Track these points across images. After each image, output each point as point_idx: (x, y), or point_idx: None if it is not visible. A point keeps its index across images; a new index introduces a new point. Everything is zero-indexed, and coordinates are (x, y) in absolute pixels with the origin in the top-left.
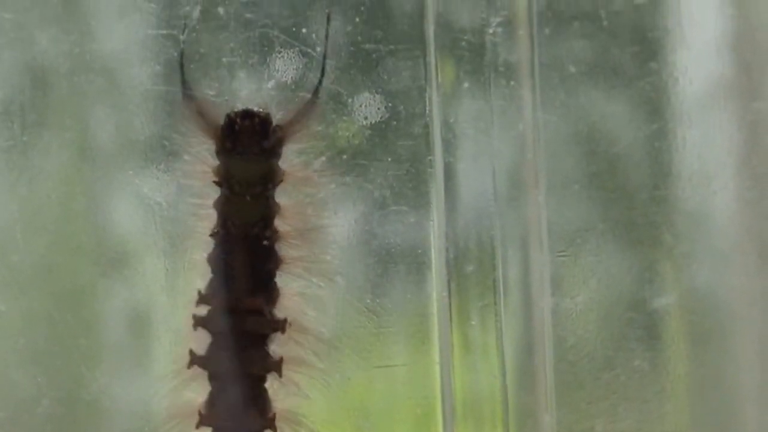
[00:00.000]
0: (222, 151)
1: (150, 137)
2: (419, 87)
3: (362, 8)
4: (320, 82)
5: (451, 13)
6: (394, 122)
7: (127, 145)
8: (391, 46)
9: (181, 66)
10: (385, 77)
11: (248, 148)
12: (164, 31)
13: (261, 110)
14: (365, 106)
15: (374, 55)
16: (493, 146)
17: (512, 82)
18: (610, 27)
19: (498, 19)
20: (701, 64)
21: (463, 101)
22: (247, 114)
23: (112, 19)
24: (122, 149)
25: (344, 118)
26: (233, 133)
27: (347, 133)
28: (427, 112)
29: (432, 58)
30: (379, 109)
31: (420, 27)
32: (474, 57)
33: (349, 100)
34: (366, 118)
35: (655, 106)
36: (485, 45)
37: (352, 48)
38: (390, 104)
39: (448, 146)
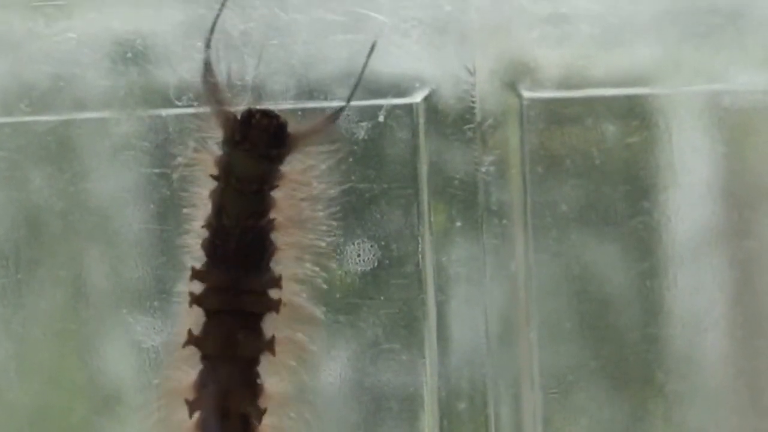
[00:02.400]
0: (229, 143)
1: (144, 276)
2: (412, 226)
3: (355, 147)
4: (349, 99)
5: (444, 152)
6: (387, 261)
7: (120, 284)
8: (384, 185)
9: (208, 44)
10: (378, 216)
11: (256, 148)
12: (158, 170)
13: (279, 115)
14: (358, 244)
15: (367, 195)
16: (485, 285)
17: (504, 221)
18: (601, 165)
19: (490, 158)
20: (693, 202)
21: (455, 240)
22: (265, 114)
23: (106, 158)
24: (116, 288)
25: (337, 257)
26: (247, 128)
27: (340, 272)
28: (420, 250)
29: (424, 196)
30: (372, 247)
31: (412, 166)
32: (466, 196)
33: (342, 239)
34: (359, 255)
35: (646, 244)
36: (477, 184)
37: (345, 186)
38: (383, 243)
39: (440, 285)
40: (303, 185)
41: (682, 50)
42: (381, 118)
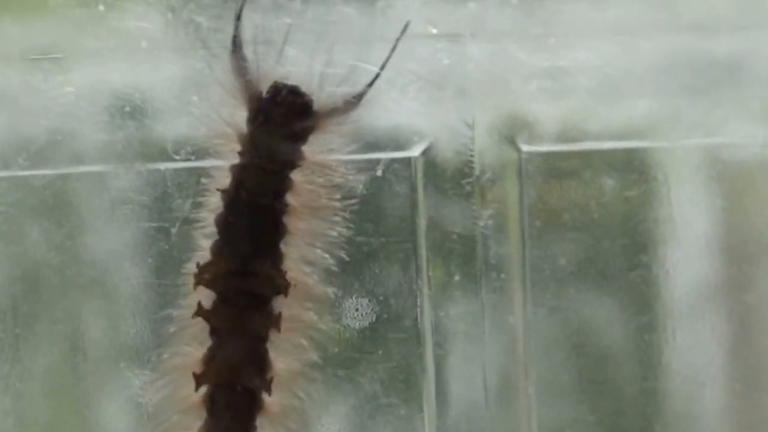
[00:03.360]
0: (254, 121)
1: (142, 331)
2: (410, 280)
3: (354, 201)
4: (372, 82)
5: (442, 206)
6: (385, 316)
7: (118, 338)
8: (382, 240)
9: (238, 18)
10: (376, 270)
11: (281, 127)
12: (156, 224)
13: (305, 93)
14: (356, 299)
15: (365, 249)
16: (483, 339)
17: (503, 275)
18: (600, 219)
19: (488, 212)
20: (691, 256)
21: (453, 295)
22: (291, 91)
23: (104, 212)
24: (114, 343)
25: (335, 310)
26: (272, 106)
27: (338, 326)
28: (418, 305)
29: (423, 251)
30: (370, 301)
31: (411, 220)
32: (465, 250)
33: (340, 293)
34: (357, 310)
35: (645, 298)
36: (476, 238)
37: (343, 240)
38: (381, 297)
39: (439, 340)
40: (323, 170)
41: (681, 104)
42: (379, 172)
